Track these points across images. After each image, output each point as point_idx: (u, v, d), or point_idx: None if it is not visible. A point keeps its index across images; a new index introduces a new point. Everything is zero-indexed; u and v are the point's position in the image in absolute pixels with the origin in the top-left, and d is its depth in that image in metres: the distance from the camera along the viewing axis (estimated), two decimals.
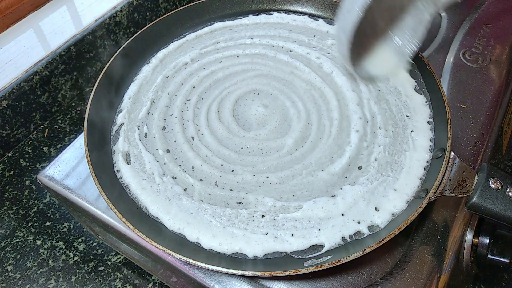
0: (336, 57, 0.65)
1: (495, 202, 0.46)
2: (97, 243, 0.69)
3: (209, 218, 0.49)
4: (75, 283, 0.65)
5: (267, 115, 0.59)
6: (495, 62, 0.71)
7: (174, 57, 0.67)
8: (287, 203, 0.50)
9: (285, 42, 0.67)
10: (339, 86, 0.61)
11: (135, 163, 0.54)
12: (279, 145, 0.55)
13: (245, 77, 0.63)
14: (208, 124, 0.58)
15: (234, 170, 0.53)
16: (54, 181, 0.57)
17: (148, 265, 0.61)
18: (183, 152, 0.55)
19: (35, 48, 0.82)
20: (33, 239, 0.69)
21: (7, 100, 0.75)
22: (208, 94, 0.62)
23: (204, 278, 0.49)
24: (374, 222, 0.48)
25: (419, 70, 0.61)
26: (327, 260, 0.44)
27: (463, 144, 0.60)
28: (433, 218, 0.53)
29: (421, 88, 0.60)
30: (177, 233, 0.49)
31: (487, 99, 0.66)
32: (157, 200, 0.51)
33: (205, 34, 0.70)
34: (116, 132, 0.58)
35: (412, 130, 0.55)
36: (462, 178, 0.47)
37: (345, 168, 0.52)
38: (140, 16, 0.95)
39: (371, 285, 0.48)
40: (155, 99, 0.61)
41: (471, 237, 0.54)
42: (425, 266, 0.48)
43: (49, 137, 0.82)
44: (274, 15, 0.72)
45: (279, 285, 0.48)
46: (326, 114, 0.58)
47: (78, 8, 0.91)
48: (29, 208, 0.73)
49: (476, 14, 0.79)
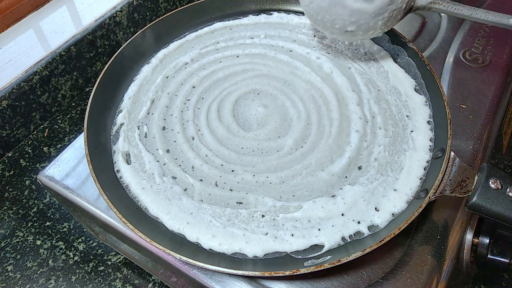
0: (336, 57, 0.65)
1: (495, 202, 0.46)
2: (97, 243, 0.69)
3: (209, 218, 0.49)
4: (75, 283, 0.65)
5: (267, 115, 0.59)
6: (495, 62, 0.71)
7: (174, 57, 0.67)
8: (287, 203, 0.50)
9: (285, 42, 0.67)
10: (339, 86, 0.61)
11: (135, 163, 0.54)
12: (279, 145, 0.55)
13: (245, 77, 0.63)
14: (208, 124, 0.58)
15: (234, 170, 0.53)
16: (54, 181, 0.57)
17: (148, 265, 0.61)
18: (183, 152, 0.55)
19: (35, 48, 0.82)
20: (33, 239, 0.69)
21: (7, 100, 0.75)
22: (208, 94, 0.62)
23: (204, 278, 0.49)
24: (374, 222, 0.48)
25: (419, 70, 0.61)
26: (327, 260, 0.44)
27: (463, 144, 0.60)
28: (433, 218, 0.53)
29: (421, 88, 0.60)
30: (177, 233, 0.49)
31: (487, 99, 0.65)
32: (157, 200, 0.51)
33: (205, 34, 0.70)
34: (116, 132, 0.58)
35: (412, 130, 0.55)
36: (462, 178, 0.47)
37: (345, 168, 0.52)
38: (140, 16, 0.95)
39: (371, 285, 0.48)
40: (155, 99, 0.61)
41: (471, 237, 0.54)
42: (425, 266, 0.49)
43: (49, 137, 0.82)
44: (274, 15, 0.72)
45: (279, 285, 0.48)
46: (326, 114, 0.58)
47: (78, 8, 0.91)
48: (29, 208, 0.73)
49: None
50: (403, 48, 0.63)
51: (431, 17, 0.81)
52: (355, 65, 0.64)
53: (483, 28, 0.76)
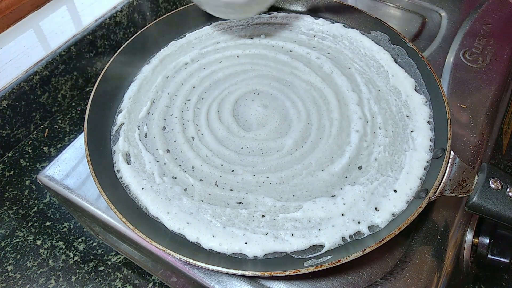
0: (336, 57, 0.65)
1: (495, 202, 0.46)
2: (97, 243, 0.69)
3: (209, 218, 0.49)
4: (75, 283, 0.65)
5: (267, 115, 0.59)
6: (495, 62, 0.71)
7: (174, 57, 0.67)
8: (287, 203, 0.50)
9: (285, 42, 0.67)
10: (339, 86, 0.61)
11: (135, 163, 0.54)
12: (279, 145, 0.55)
13: (245, 77, 0.63)
14: (208, 124, 0.58)
15: (234, 170, 0.53)
16: (54, 181, 0.57)
17: (148, 265, 0.61)
18: (183, 152, 0.55)
19: (35, 48, 0.82)
20: (33, 239, 0.69)
21: (7, 100, 0.75)
22: (208, 94, 0.62)
23: (204, 278, 0.49)
24: (374, 222, 0.48)
25: (419, 70, 0.61)
26: (327, 260, 0.44)
27: (463, 144, 0.60)
28: (433, 218, 0.53)
29: (421, 88, 0.60)
30: (177, 233, 0.49)
31: (487, 99, 0.65)
32: (157, 200, 0.51)
33: (205, 34, 0.70)
34: (116, 132, 0.58)
35: (412, 130, 0.55)
36: (462, 178, 0.47)
37: (345, 168, 0.52)
38: (140, 16, 0.95)
39: (371, 285, 0.48)
40: (155, 99, 0.61)
41: (471, 237, 0.54)
42: (425, 266, 0.48)
43: (49, 137, 0.82)
44: (274, 15, 0.72)
45: (279, 285, 0.48)
46: (326, 114, 0.58)
47: (78, 8, 0.91)
48: (29, 208, 0.73)
49: (476, 14, 0.79)
50: (403, 48, 0.63)
51: (431, 17, 0.81)
52: (355, 65, 0.64)
53: (483, 28, 0.76)
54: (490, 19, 0.78)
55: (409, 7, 0.83)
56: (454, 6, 0.82)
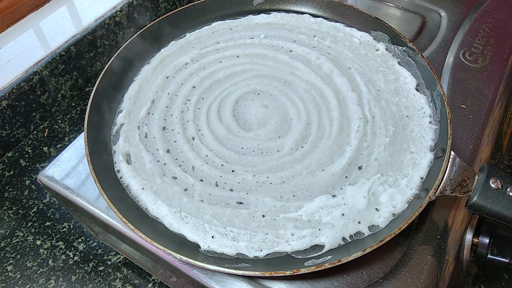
0: (336, 57, 0.65)
1: (495, 202, 0.46)
2: (97, 243, 0.69)
3: (210, 218, 0.49)
4: (75, 283, 0.65)
5: (267, 115, 0.59)
6: (495, 62, 0.71)
7: (174, 57, 0.67)
8: (288, 203, 0.50)
9: (285, 42, 0.67)
10: (339, 86, 0.61)
11: (136, 163, 0.54)
12: (279, 145, 0.55)
13: (245, 77, 0.63)
14: (208, 124, 0.58)
15: (234, 170, 0.53)
16: (54, 181, 0.57)
17: (148, 265, 0.61)
18: (183, 152, 0.55)
19: (35, 48, 0.82)
20: (33, 239, 0.69)
21: (7, 100, 0.75)
22: (208, 94, 0.62)
23: (204, 278, 0.49)
24: (374, 222, 0.48)
25: (419, 70, 0.61)
26: (327, 260, 0.44)
27: (463, 144, 0.60)
28: (433, 218, 0.53)
29: (421, 88, 0.60)
30: (177, 233, 0.49)
31: (487, 99, 0.66)
32: (157, 200, 0.51)
33: (205, 34, 0.70)
34: (117, 132, 0.58)
35: (412, 130, 0.55)
36: (462, 178, 0.47)
37: (346, 168, 0.52)
38: (140, 16, 0.95)
39: (371, 285, 0.48)
40: (155, 99, 0.61)
41: (471, 237, 0.54)
42: (425, 266, 0.49)
43: (49, 137, 0.82)
44: (274, 15, 0.72)
45: (279, 285, 0.48)
46: (326, 114, 0.58)
47: (78, 8, 0.91)
48: (29, 208, 0.73)
49: (476, 14, 0.79)
50: (403, 48, 0.63)
51: (431, 17, 0.81)
52: (355, 65, 0.64)
53: (483, 28, 0.76)
54: (490, 19, 0.78)
55: (409, 7, 0.83)
56: (454, 6, 0.82)
